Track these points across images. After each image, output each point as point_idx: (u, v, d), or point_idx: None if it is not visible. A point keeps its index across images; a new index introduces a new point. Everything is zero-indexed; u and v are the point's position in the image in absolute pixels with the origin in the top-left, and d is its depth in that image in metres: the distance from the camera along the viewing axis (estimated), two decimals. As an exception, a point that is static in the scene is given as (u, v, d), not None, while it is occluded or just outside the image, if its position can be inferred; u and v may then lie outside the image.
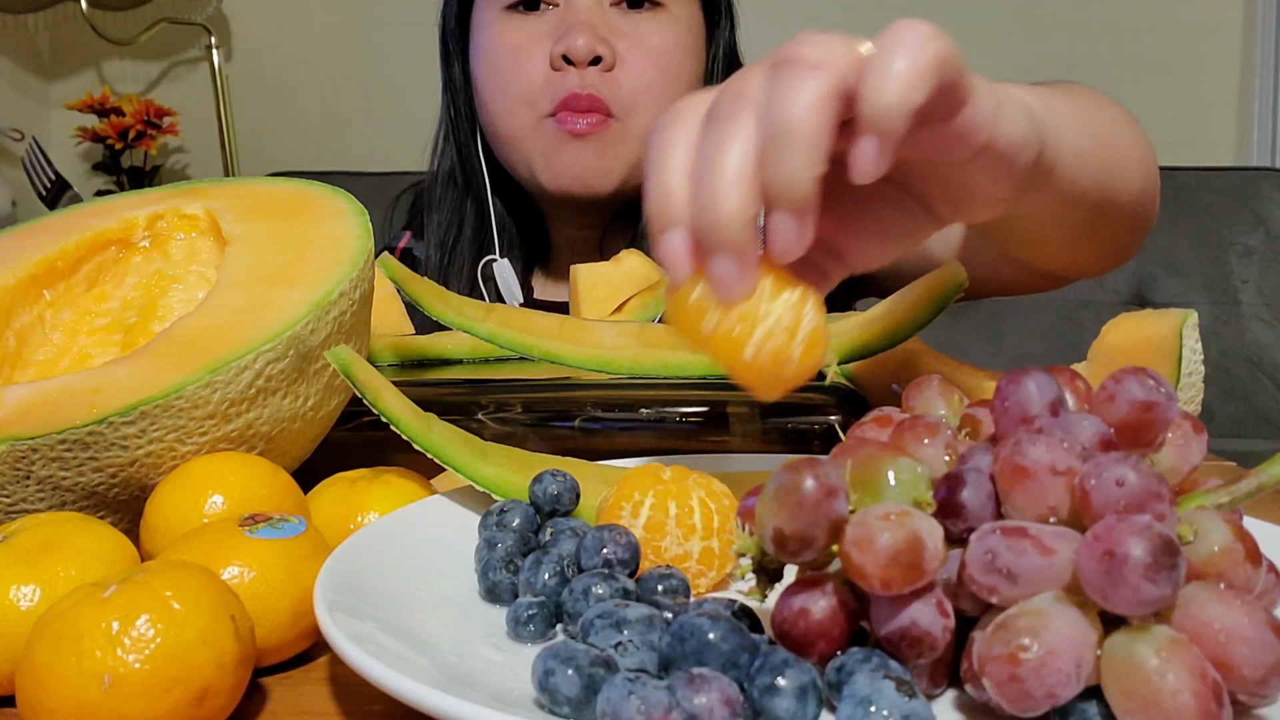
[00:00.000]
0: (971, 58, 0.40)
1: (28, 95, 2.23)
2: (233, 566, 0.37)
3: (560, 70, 0.90)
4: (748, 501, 0.34)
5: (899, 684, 0.28)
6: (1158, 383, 0.33)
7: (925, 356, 0.63)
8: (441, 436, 0.47)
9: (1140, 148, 0.63)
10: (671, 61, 0.92)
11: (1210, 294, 1.58)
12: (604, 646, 0.32)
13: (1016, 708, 0.28)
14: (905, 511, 0.30)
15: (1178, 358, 0.53)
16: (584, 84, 0.89)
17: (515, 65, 0.92)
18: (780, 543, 0.30)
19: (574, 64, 0.89)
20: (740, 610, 0.33)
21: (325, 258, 0.52)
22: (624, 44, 0.91)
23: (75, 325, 0.57)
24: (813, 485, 0.30)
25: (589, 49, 0.89)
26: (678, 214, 0.35)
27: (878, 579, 0.29)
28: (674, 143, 0.36)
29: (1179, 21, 2.01)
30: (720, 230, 0.33)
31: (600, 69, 0.90)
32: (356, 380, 0.46)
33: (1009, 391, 0.33)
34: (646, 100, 0.91)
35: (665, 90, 0.92)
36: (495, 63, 0.93)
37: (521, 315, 0.62)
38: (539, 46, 0.91)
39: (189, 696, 0.31)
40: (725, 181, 0.33)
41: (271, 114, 2.21)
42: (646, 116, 0.91)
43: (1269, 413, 1.56)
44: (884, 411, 0.39)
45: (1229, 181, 1.63)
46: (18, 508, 0.45)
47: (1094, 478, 0.29)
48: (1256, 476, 0.32)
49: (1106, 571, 0.27)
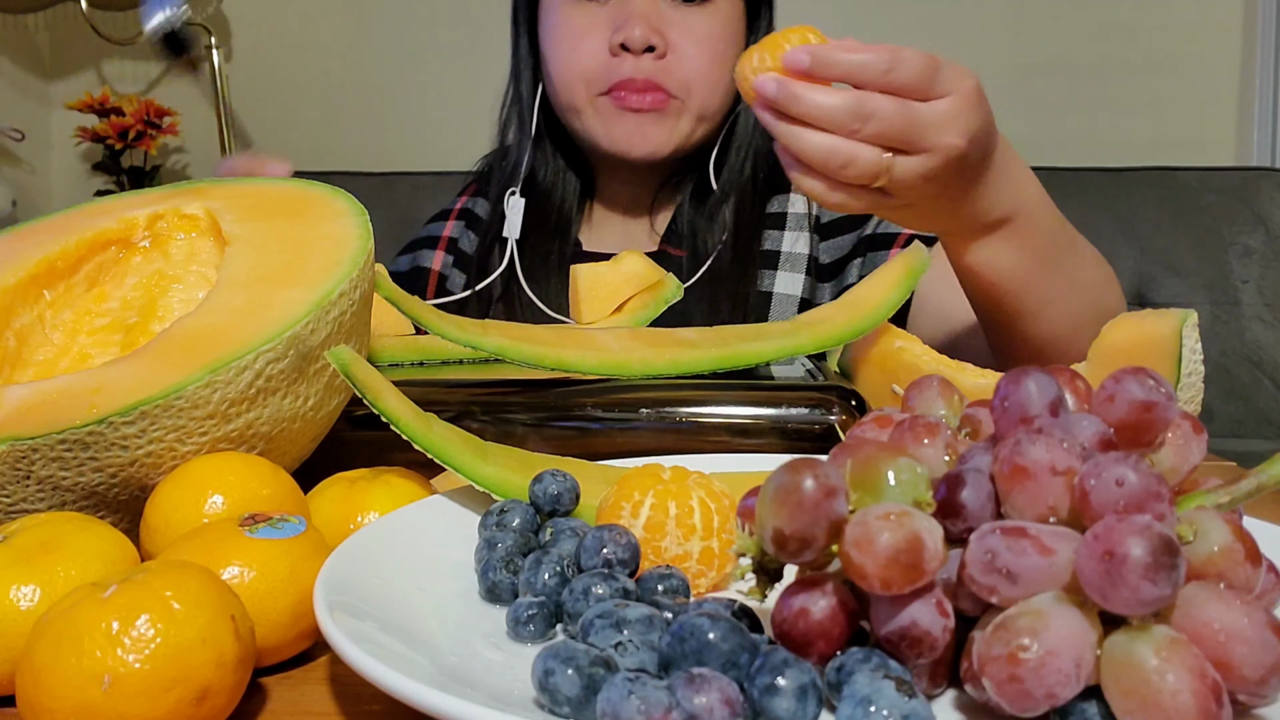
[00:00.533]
0: (972, 57, 0.40)
1: (28, 95, 2.23)
2: (233, 566, 0.37)
3: (617, 57, 0.99)
4: (748, 501, 0.34)
5: (899, 684, 0.28)
6: (1158, 383, 0.33)
7: (925, 356, 0.63)
8: (441, 436, 0.47)
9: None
10: (718, 50, 1.01)
11: (1210, 294, 1.58)
12: (604, 646, 0.32)
13: (1016, 708, 0.28)
14: (905, 511, 0.30)
15: (1178, 358, 0.53)
16: (639, 69, 0.99)
17: (576, 48, 1.02)
18: (780, 543, 0.30)
19: (630, 51, 0.99)
20: (740, 610, 0.33)
21: (325, 258, 0.52)
22: (675, 33, 1.00)
23: (75, 325, 0.57)
24: (813, 485, 0.30)
25: (644, 39, 0.98)
26: None
27: (878, 579, 0.29)
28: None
29: (1179, 21, 2.01)
30: None
31: (653, 57, 0.99)
32: (356, 380, 0.46)
33: (1009, 391, 0.33)
34: (698, 85, 1.00)
35: (714, 76, 1.01)
36: (558, 43, 1.03)
37: (517, 327, 0.62)
38: (598, 33, 1.00)
39: (189, 696, 0.31)
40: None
41: (271, 114, 2.21)
42: (701, 99, 1.01)
43: (1269, 413, 1.56)
44: (884, 411, 0.39)
45: (1229, 181, 1.63)
46: (18, 508, 0.45)
47: (1094, 478, 0.29)
48: (1256, 476, 0.32)
49: (1106, 571, 0.27)
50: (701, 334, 0.63)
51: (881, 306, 0.63)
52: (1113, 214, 1.60)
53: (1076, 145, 2.01)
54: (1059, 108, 2.03)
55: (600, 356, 0.59)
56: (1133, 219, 1.61)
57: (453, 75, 2.11)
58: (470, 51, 2.09)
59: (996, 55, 2.04)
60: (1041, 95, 2.03)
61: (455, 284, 1.11)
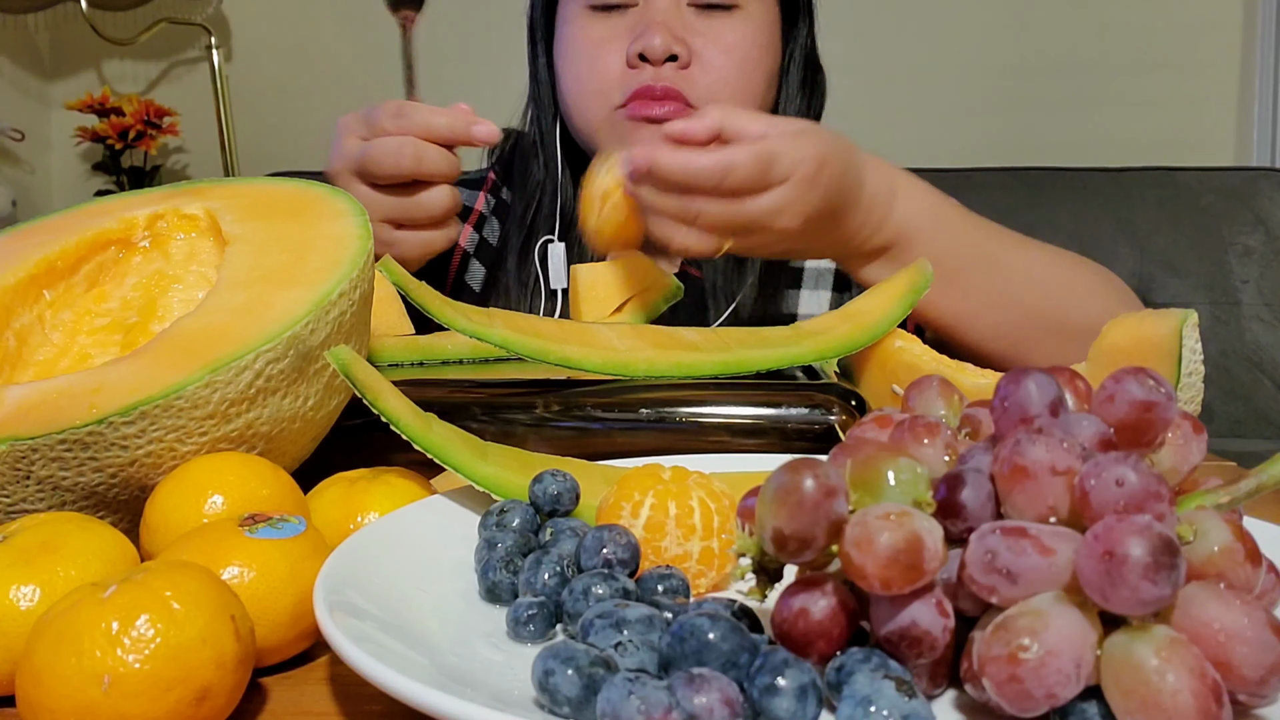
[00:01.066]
0: (971, 57, 0.40)
1: (28, 95, 2.23)
2: (233, 566, 0.37)
3: (636, 68, 0.92)
4: (748, 501, 0.34)
5: (899, 684, 0.28)
6: (1158, 383, 0.33)
7: (925, 356, 0.63)
8: (442, 436, 0.47)
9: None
10: (748, 59, 0.94)
11: (1210, 294, 1.58)
12: (604, 646, 0.32)
13: (1016, 708, 0.28)
14: (905, 512, 0.30)
15: (1178, 358, 0.53)
16: (659, 78, 0.92)
17: (593, 60, 0.94)
18: (780, 543, 0.30)
19: (650, 62, 0.92)
20: (740, 610, 0.33)
21: (325, 258, 0.52)
22: (699, 42, 0.93)
23: (75, 325, 0.57)
24: (812, 485, 0.30)
25: (665, 48, 0.91)
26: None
27: (877, 579, 0.29)
28: None
29: (1179, 21, 2.01)
30: None
31: (676, 66, 0.92)
32: (356, 380, 0.46)
33: (1009, 391, 0.33)
34: (724, 95, 0.93)
35: (741, 86, 0.94)
36: (574, 57, 0.96)
37: (523, 319, 0.62)
38: (617, 44, 0.93)
39: (189, 696, 0.31)
40: None
41: (271, 114, 2.21)
42: None
43: (1269, 413, 1.56)
44: (884, 411, 0.39)
45: (1229, 181, 1.63)
46: (18, 508, 0.45)
47: (1094, 478, 0.29)
48: (1256, 476, 0.32)
49: (1106, 571, 0.27)
50: (704, 336, 0.63)
51: (882, 321, 0.64)
52: (1113, 214, 1.60)
53: (1076, 145, 2.01)
54: (1059, 108, 2.04)
55: (604, 355, 0.59)
56: (1133, 219, 1.61)
57: (453, 75, 2.11)
58: (470, 51, 2.09)
59: (996, 55, 2.04)
60: (1042, 95, 2.03)
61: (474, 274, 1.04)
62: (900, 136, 2.03)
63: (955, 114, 2.06)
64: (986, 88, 2.05)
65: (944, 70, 2.05)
